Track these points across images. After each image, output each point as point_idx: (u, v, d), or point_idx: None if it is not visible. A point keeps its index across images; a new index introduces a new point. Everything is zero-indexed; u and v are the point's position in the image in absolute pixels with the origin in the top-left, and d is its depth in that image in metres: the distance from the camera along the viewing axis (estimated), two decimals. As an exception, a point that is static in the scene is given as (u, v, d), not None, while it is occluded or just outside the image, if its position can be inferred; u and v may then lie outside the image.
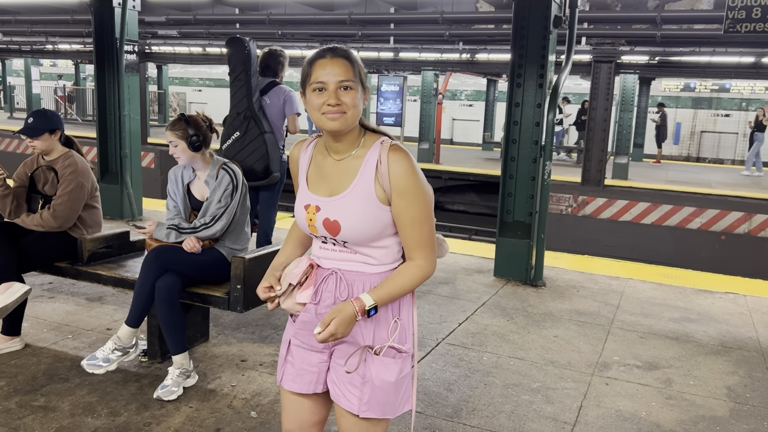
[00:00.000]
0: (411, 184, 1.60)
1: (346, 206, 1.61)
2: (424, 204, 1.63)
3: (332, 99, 1.56)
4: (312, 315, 1.71)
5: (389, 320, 1.67)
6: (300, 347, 1.76)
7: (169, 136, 3.19)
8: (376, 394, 1.65)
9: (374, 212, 1.61)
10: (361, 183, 1.61)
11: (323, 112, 1.58)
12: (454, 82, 22.53)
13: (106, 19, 6.84)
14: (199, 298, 3.23)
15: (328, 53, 1.59)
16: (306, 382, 1.76)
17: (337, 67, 1.57)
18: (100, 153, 7.10)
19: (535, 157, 5.25)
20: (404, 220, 1.62)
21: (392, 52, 13.84)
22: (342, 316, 1.56)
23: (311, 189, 1.69)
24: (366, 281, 1.66)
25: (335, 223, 1.62)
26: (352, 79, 1.58)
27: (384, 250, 1.67)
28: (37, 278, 4.55)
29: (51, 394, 3.01)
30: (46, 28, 15.87)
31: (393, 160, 1.60)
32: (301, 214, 1.69)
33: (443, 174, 14.62)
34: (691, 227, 10.68)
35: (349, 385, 1.67)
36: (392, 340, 1.66)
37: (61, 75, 28.34)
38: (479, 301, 4.76)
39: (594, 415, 3.08)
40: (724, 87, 21.68)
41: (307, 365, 1.75)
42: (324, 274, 1.70)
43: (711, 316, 4.72)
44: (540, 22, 5.12)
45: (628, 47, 11.63)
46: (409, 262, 1.66)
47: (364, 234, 1.62)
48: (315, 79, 1.58)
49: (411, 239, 1.64)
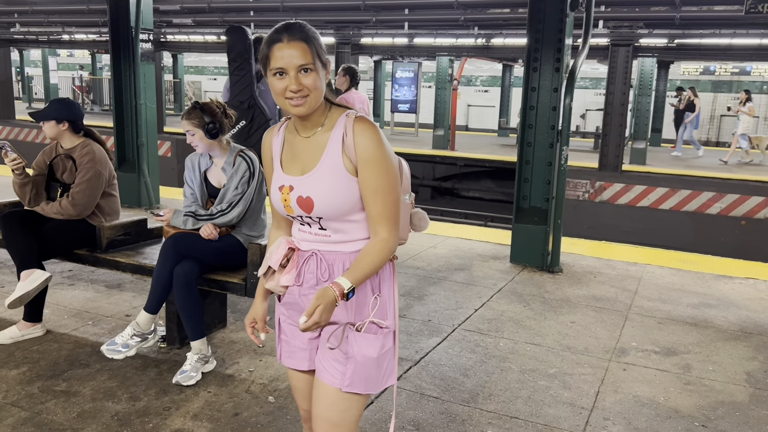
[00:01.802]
0: (376, 154, 1.61)
1: (317, 181, 1.63)
2: (389, 175, 1.63)
3: (293, 85, 1.57)
4: (296, 296, 1.74)
5: (369, 296, 1.69)
6: (291, 325, 1.80)
7: (185, 125, 3.20)
8: (358, 370, 1.67)
9: (344, 184, 1.62)
10: (329, 157, 1.63)
11: (287, 97, 1.59)
12: (469, 67, 22.35)
13: (121, 9, 6.86)
14: (216, 284, 3.25)
15: (285, 36, 1.57)
16: (300, 359, 1.80)
17: (294, 50, 1.56)
18: (117, 142, 7.16)
19: (551, 142, 5.20)
20: (368, 191, 1.62)
21: (407, 38, 13.74)
22: (324, 303, 1.56)
23: (285, 170, 1.70)
24: (346, 260, 1.68)
25: (308, 199, 1.64)
26: (311, 62, 1.57)
27: (358, 224, 1.68)
28: (57, 266, 4.61)
29: (72, 379, 3.06)
30: (63, 18, 15.95)
31: (359, 130, 1.61)
32: (276, 196, 1.71)
33: (458, 161, 14.54)
34: (711, 212, 10.55)
35: (332, 361, 1.69)
36: (372, 316, 1.68)
37: (82, 66, 28.55)
38: (495, 288, 4.75)
39: (611, 401, 3.07)
40: (745, 70, 21.30)
41: (299, 342, 1.79)
42: (304, 256, 1.72)
43: (730, 301, 4.67)
44: (556, 5, 5.06)
45: (646, 30, 11.44)
46: (373, 238, 1.66)
47: (336, 208, 1.63)
48: (274, 65, 1.58)
49: (374, 211, 1.63)
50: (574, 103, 5.25)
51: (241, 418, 2.76)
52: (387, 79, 20.04)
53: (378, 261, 1.64)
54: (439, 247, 5.88)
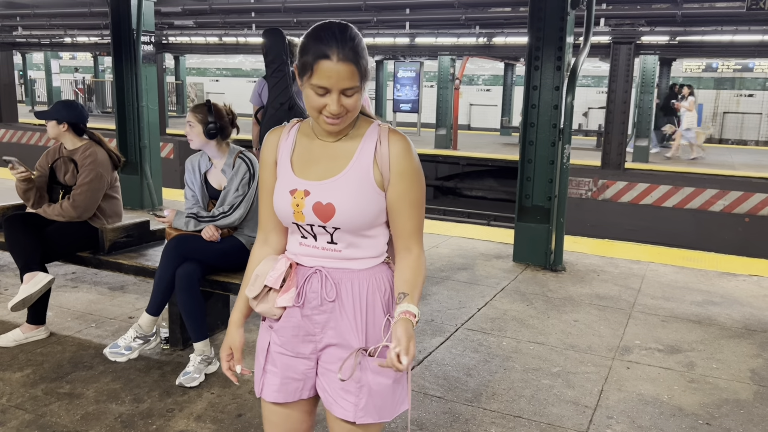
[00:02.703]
0: (413, 166, 1.55)
1: (341, 188, 1.51)
2: (422, 187, 1.58)
3: (334, 107, 1.45)
4: (297, 318, 1.59)
5: (382, 319, 1.57)
6: (284, 354, 1.61)
7: (189, 116, 3.24)
8: (373, 399, 1.54)
9: (370, 195, 1.52)
10: (359, 164, 1.53)
11: (322, 114, 1.48)
12: (471, 66, 22.34)
13: (122, 11, 6.88)
14: (219, 285, 3.26)
15: (335, 52, 1.42)
16: (292, 390, 1.63)
17: (342, 71, 1.43)
18: (120, 144, 7.18)
19: (553, 140, 5.20)
20: (404, 204, 1.55)
21: (408, 38, 13.73)
22: (408, 335, 1.42)
23: (297, 173, 1.56)
24: (354, 279, 1.56)
25: (329, 206, 1.51)
26: (357, 84, 1.45)
27: (372, 240, 1.58)
28: (61, 268, 4.63)
29: (76, 381, 3.06)
30: (64, 21, 16.01)
31: (393, 141, 1.54)
32: (285, 200, 1.56)
33: (461, 160, 14.53)
34: (714, 210, 10.51)
35: (342, 392, 1.56)
36: (386, 339, 1.52)
37: (77, 68, 28.61)
38: (498, 287, 4.74)
39: (615, 399, 3.06)
40: (747, 66, 21.24)
41: (293, 373, 1.62)
42: (306, 274, 1.58)
43: (734, 298, 4.66)
44: (557, 3, 5.05)
45: (647, 27, 11.41)
46: (408, 255, 1.57)
47: (358, 218, 1.52)
48: (317, 82, 1.44)
49: (409, 225, 1.56)
50: (577, 101, 5.24)
51: (244, 419, 2.76)
52: (389, 79, 20.03)
53: (423, 280, 1.57)
54: (441, 247, 5.88)
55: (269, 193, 1.63)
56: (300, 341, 1.60)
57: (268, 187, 1.63)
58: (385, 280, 1.60)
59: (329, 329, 1.57)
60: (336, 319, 1.57)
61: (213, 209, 3.26)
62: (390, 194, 1.55)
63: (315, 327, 1.58)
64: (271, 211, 1.64)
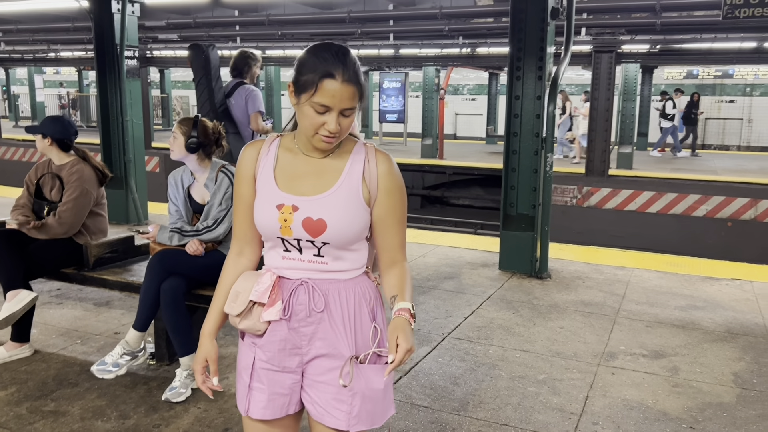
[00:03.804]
0: (399, 184, 1.61)
1: (331, 204, 1.54)
2: (406, 204, 1.65)
3: (333, 126, 1.49)
4: (284, 332, 1.59)
5: (369, 326, 1.61)
6: (270, 370, 1.61)
7: (175, 127, 3.27)
8: (365, 405, 1.58)
9: (358, 210, 1.57)
10: (349, 180, 1.57)
11: (319, 133, 1.51)
12: (455, 76, 22.49)
13: (105, 26, 6.87)
14: (204, 299, 3.25)
15: (339, 74, 1.47)
16: (279, 405, 1.63)
17: (346, 92, 1.48)
18: (104, 159, 7.14)
19: (536, 149, 5.25)
20: (391, 219, 1.61)
21: (392, 49, 13.83)
22: (403, 331, 1.49)
23: (283, 188, 1.58)
24: (341, 288, 1.59)
25: (319, 222, 1.53)
26: (356, 106, 1.52)
27: (357, 254, 1.62)
28: (45, 285, 4.60)
29: (61, 399, 3.04)
30: (48, 36, 15.96)
31: (381, 160, 1.59)
32: (272, 215, 1.56)
33: (447, 169, 14.61)
34: (697, 215, 10.64)
35: (334, 402, 1.58)
36: (374, 346, 1.59)
37: (62, 83, 28.49)
38: (484, 295, 4.77)
39: (600, 405, 3.09)
40: (727, 73, 21.56)
41: (280, 388, 1.62)
42: (292, 286, 1.59)
43: (717, 303, 4.71)
44: (537, 14, 5.12)
45: (628, 36, 11.57)
46: (395, 267, 1.64)
47: (349, 233, 1.56)
48: (319, 100, 1.47)
49: (396, 239, 1.63)
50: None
51: (231, 433, 2.76)
52: (374, 90, 20.12)
53: (411, 282, 1.65)
54: (428, 256, 5.90)
55: (246, 206, 1.64)
56: (286, 355, 1.60)
57: (245, 200, 1.64)
58: (368, 289, 1.64)
59: (317, 340, 1.59)
60: (324, 330, 1.59)
61: (197, 224, 3.26)
62: (377, 210, 1.59)
63: (302, 339, 1.59)
64: (247, 223, 1.66)
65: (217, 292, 1.70)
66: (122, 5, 6.79)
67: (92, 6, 6.90)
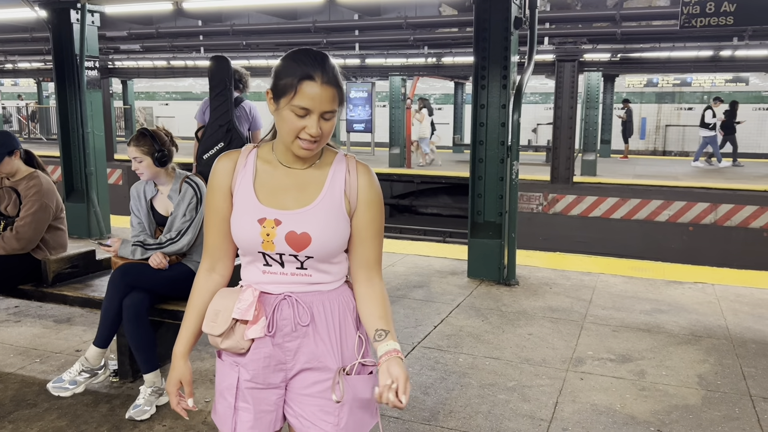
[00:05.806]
0: (378, 196, 1.59)
1: (315, 217, 1.51)
2: (383, 218, 1.63)
3: (314, 130, 1.45)
4: (269, 348, 1.55)
5: (353, 336, 1.60)
6: (254, 388, 1.57)
7: (133, 152, 3.13)
8: (353, 415, 1.56)
9: (341, 223, 1.54)
10: (331, 193, 1.54)
11: (300, 138, 1.47)
12: (422, 86, 22.62)
13: (64, 36, 6.73)
14: (168, 314, 3.18)
15: (318, 75, 1.43)
16: (266, 423, 1.59)
17: (326, 94, 1.44)
18: (65, 171, 6.98)
19: (502, 157, 5.29)
20: (369, 232, 1.58)
21: (359, 59, 13.86)
22: (405, 375, 1.46)
23: (264, 202, 1.53)
24: (324, 300, 1.56)
25: (303, 235, 1.49)
26: (335, 108, 1.48)
27: (339, 266, 1.59)
28: (2, 302, 4.45)
29: (19, 420, 2.93)
30: (5, 46, 15.59)
31: (362, 171, 1.57)
32: (253, 230, 1.51)
33: (415, 178, 14.67)
34: (660, 220, 10.86)
35: (322, 414, 1.55)
36: (360, 357, 1.58)
37: (20, 95, 27.84)
38: (454, 303, 4.77)
39: (570, 411, 3.10)
40: (686, 81, 22.12)
41: (265, 405, 1.58)
42: (274, 301, 1.55)
43: (681, 306, 4.80)
44: (501, 23, 5.18)
45: (590, 45, 11.82)
46: (373, 287, 1.60)
47: (332, 246, 1.53)
48: (299, 103, 1.43)
49: (373, 254, 1.59)
50: (526, 117, 5.37)
51: (197, 450, 2.69)
52: (341, 100, 20.09)
53: (390, 307, 1.61)
54: (397, 265, 5.89)
55: (221, 220, 1.58)
56: (271, 371, 1.56)
57: (219, 213, 1.58)
58: (350, 298, 1.62)
59: (301, 354, 1.56)
60: (309, 344, 1.56)
61: (160, 236, 3.19)
62: (356, 222, 1.57)
63: (287, 354, 1.56)
64: (221, 237, 1.60)
65: (189, 311, 1.64)
66: (81, 15, 6.66)
67: (50, 16, 6.75)
